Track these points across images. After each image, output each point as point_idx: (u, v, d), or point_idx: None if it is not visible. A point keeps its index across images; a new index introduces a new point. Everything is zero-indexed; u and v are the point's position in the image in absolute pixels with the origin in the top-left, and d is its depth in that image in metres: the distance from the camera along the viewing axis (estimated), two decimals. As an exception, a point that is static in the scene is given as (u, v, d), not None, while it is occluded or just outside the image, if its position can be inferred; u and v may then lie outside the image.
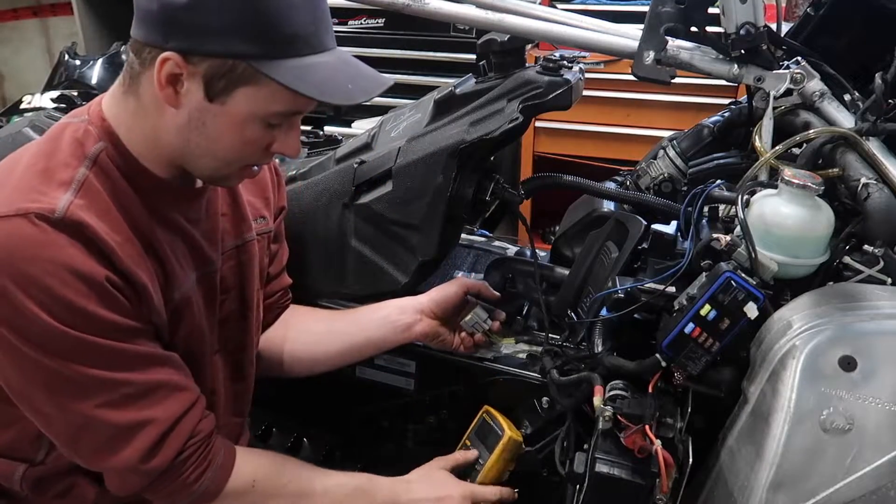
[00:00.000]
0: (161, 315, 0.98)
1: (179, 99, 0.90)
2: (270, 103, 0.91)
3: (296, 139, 0.99)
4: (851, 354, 0.86)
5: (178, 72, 0.88)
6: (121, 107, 0.97)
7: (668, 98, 2.77)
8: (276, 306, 1.31)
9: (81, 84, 2.94)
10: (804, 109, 1.16)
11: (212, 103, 0.90)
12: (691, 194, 1.13)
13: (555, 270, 1.38)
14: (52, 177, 0.90)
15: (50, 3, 4.40)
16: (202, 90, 0.89)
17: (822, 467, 0.87)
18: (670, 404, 1.01)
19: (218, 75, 0.88)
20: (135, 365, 0.94)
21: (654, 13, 1.17)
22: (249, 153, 0.97)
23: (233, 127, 0.92)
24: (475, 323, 1.26)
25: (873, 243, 0.95)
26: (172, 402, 0.97)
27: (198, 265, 1.07)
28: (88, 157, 0.93)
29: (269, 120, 0.93)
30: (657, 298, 1.02)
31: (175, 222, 1.02)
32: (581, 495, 1.00)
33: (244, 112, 0.91)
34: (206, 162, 0.97)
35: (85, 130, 0.96)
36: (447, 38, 2.95)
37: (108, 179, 0.94)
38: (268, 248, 1.24)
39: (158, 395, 0.95)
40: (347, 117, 3.26)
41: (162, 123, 0.94)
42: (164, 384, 0.96)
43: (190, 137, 0.94)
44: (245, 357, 1.21)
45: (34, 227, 0.85)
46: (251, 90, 0.89)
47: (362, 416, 1.40)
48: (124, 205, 0.94)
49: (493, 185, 1.28)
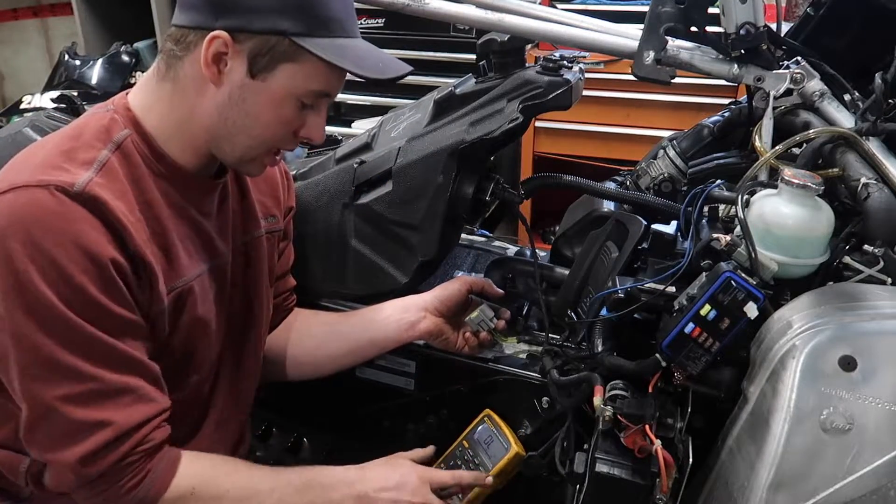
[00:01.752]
0: (162, 301, 0.99)
1: (222, 77, 0.96)
2: (309, 80, 0.98)
3: (322, 125, 1.05)
4: (851, 354, 0.86)
5: (224, 50, 0.95)
6: (154, 95, 1.02)
7: (668, 98, 2.77)
8: (281, 308, 1.31)
9: (81, 84, 2.94)
10: (804, 109, 1.16)
11: (254, 80, 0.96)
12: (691, 194, 1.13)
13: (555, 270, 1.38)
14: (75, 156, 0.94)
15: (50, 3, 4.41)
16: (246, 67, 0.96)
17: (822, 467, 0.87)
18: (670, 404, 1.01)
19: (262, 52, 0.95)
20: (110, 362, 0.93)
21: (654, 13, 1.17)
22: (282, 134, 1.02)
23: (272, 103, 0.98)
24: (481, 321, 1.25)
25: (873, 243, 0.95)
26: (134, 410, 0.95)
27: (208, 257, 1.09)
28: (114, 141, 0.97)
29: (304, 99, 0.99)
30: (657, 298, 1.02)
31: (188, 213, 1.05)
32: (581, 495, 1.00)
33: (284, 88, 0.97)
34: (240, 140, 1.01)
35: (111, 118, 1.00)
36: (447, 38, 2.95)
37: (130, 165, 0.98)
38: (277, 247, 1.25)
39: (124, 400, 0.95)
40: (347, 117, 3.26)
41: (201, 103, 0.99)
42: (132, 389, 0.95)
43: (229, 115, 0.99)
44: (249, 353, 1.21)
45: (53, 197, 0.88)
46: (292, 67, 0.96)
47: (362, 416, 1.40)
48: (141, 189, 0.98)
49: (493, 185, 1.28)
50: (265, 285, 1.22)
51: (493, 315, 1.26)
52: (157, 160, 1.01)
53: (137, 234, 0.94)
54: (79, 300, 0.89)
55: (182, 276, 1.03)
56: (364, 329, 1.27)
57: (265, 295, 1.22)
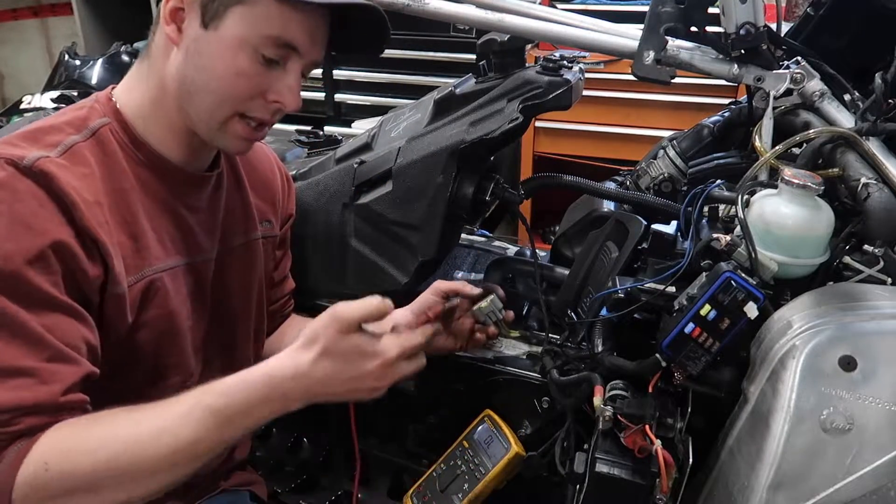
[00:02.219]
0: (119, 284, 0.94)
1: (181, 36, 0.95)
2: (262, 24, 0.93)
3: (294, 88, 0.99)
4: (851, 354, 0.86)
5: (179, 5, 0.94)
6: (135, 80, 1.01)
7: (668, 98, 2.77)
8: (278, 314, 1.31)
9: (81, 84, 2.94)
10: (804, 109, 1.16)
11: (206, 30, 0.94)
12: (691, 194, 1.13)
13: (555, 270, 1.38)
14: (39, 138, 0.93)
15: (50, 3, 4.40)
16: (199, 18, 0.94)
17: (822, 467, 0.87)
18: (670, 404, 1.01)
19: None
20: (14, 340, 0.83)
21: (654, 13, 1.17)
22: (243, 89, 0.96)
23: (226, 52, 0.94)
24: (490, 311, 1.21)
25: (873, 243, 0.95)
26: (13, 394, 0.83)
27: (187, 252, 1.06)
28: (89, 128, 0.96)
29: (262, 50, 0.94)
30: (657, 298, 1.02)
31: (169, 205, 1.03)
32: (581, 495, 1.00)
33: (237, 35, 0.93)
34: (199, 99, 0.97)
35: (90, 108, 0.99)
36: (447, 38, 2.95)
37: (104, 153, 0.96)
38: (272, 254, 1.24)
39: (11, 382, 0.83)
40: (347, 117, 3.26)
41: (166, 70, 0.98)
42: (21, 371, 0.84)
43: (186, 73, 0.96)
44: (239, 355, 1.20)
45: (1, 170, 0.87)
46: (242, 9, 0.93)
47: (363, 416, 1.40)
48: (112, 176, 0.96)
49: (493, 185, 1.28)
50: (258, 289, 1.20)
51: (503, 305, 1.22)
52: (137, 148, 0.99)
53: (91, 212, 0.90)
54: (4, 271, 0.83)
55: (151, 265, 0.99)
56: None
57: (257, 299, 1.21)
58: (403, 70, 3.05)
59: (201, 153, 1.06)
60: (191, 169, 1.05)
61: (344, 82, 3.21)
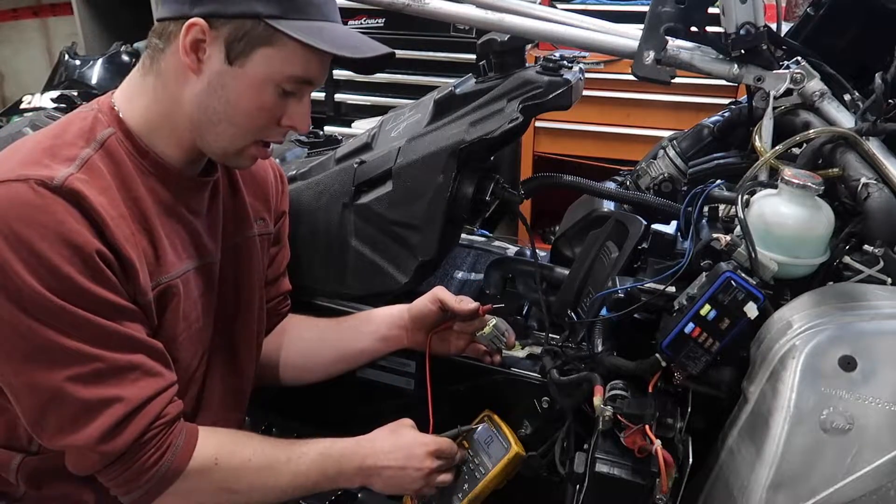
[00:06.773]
0: (146, 295, 0.98)
1: (202, 66, 0.97)
2: (286, 65, 0.97)
3: (306, 113, 1.04)
4: (851, 354, 0.86)
5: (201, 37, 0.95)
6: (138, 90, 1.02)
7: (668, 98, 2.77)
8: (274, 313, 1.31)
9: (81, 84, 2.94)
10: (804, 109, 1.16)
11: (232, 66, 0.96)
12: (691, 194, 1.13)
13: (555, 270, 1.38)
14: (57, 153, 0.94)
15: (50, 3, 4.40)
16: (223, 54, 0.96)
17: (822, 467, 0.86)
18: (670, 404, 1.01)
19: (238, 37, 0.95)
20: (110, 342, 0.93)
21: (654, 13, 1.17)
22: (264, 122, 1.01)
23: (250, 89, 0.97)
24: (494, 336, 1.22)
25: (873, 243, 0.95)
26: (142, 385, 0.95)
27: (197, 255, 1.08)
28: (97, 140, 0.97)
29: (283, 85, 0.98)
30: (657, 298, 1.02)
31: (176, 210, 1.04)
32: (581, 495, 1.00)
33: (261, 74, 0.97)
34: (222, 130, 1.00)
35: (95, 118, 1.00)
36: (447, 38, 2.95)
37: (113, 162, 0.97)
38: (268, 251, 1.25)
39: (130, 377, 0.95)
40: (347, 117, 3.26)
41: (182, 94, 0.99)
42: (136, 366, 0.95)
43: (209, 104, 0.98)
44: (242, 354, 1.21)
45: (33, 192, 0.88)
46: (269, 51, 0.96)
47: (362, 416, 1.40)
48: (126, 186, 0.97)
49: (493, 185, 1.28)
50: (256, 287, 1.21)
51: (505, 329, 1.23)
52: (142, 157, 1.00)
53: (118, 228, 0.93)
54: (67, 289, 0.89)
55: (167, 272, 1.02)
56: (352, 339, 1.29)
57: (257, 297, 1.22)
58: (403, 70, 3.05)
59: (199, 159, 1.07)
60: (190, 173, 1.06)
61: (344, 82, 3.21)
